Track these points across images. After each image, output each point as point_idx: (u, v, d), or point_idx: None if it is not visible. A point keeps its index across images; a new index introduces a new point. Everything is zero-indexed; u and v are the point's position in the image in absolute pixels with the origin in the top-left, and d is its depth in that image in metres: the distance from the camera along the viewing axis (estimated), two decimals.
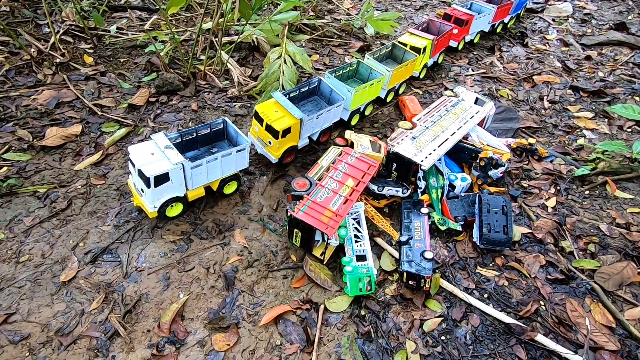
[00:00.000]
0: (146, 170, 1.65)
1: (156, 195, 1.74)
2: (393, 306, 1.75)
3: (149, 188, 1.69)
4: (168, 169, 1.69)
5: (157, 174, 1.66)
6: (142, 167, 1.66)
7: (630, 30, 4.27)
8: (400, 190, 2.17)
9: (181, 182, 1.78)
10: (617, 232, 2.09)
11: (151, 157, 1.70)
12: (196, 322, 1.60)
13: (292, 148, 2.29)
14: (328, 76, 2.60)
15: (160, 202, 1.76)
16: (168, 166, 1.69)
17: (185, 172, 1.76)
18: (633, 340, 1.63)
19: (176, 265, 1.77)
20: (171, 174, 1.71)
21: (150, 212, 1.79)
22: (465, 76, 3.43)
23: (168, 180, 1.72)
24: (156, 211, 1.79)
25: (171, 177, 1.72)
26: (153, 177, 1.66)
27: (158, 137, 1.80)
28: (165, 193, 1.77)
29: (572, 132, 2.89)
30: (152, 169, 1.66)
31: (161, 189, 1.73)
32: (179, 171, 1.73)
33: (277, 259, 1.91)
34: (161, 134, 1.82)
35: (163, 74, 2.84)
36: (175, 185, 1.76)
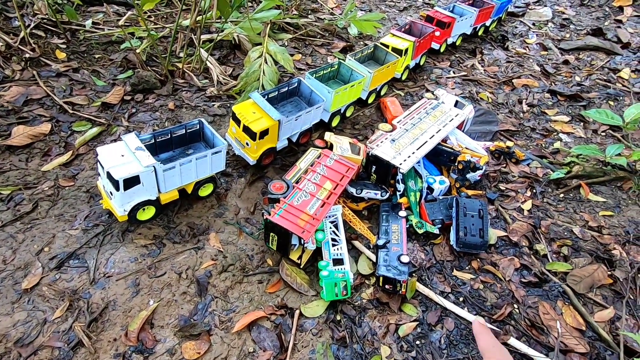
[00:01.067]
0: (115, 172, 1.59)
1: (126, 199, 1.68)
2: (369, 311, 1.74)
3: (118, 191, 1.63)
4: (138, 171, 1.63)
5: (127, 177, 1.61)
6: (111, 170, 1.59)
7: (607, 36, 4.37)
8: (379, 193, 2.16)
9: (153, 185, 1.72)
10: (589, 235, 2.13)
11: (121, 159, 1.64)
12: (166, 329, 1.55)
13: (270, 150, 2.25)
14: (308, 77, 2.57)
15: (130, 205, 1.70)
16: (138, 169, 1.63)
17: (158, 175, 1.70)
18: (602, 343, 1.66)
19: (147, 271, 1.72)
20: (142, 177, 1.65)
21: (119, 216, 1.73)
22: (446, 78, 3.45)
23: (139, 183, 1.66)
24: (126, 215, 1.72)
25: (142, 180, 1.66)
26: (122, 180, 1.60)
27: (129, 138, 1.74)
28: (136, 196, 1.71)
29: (549, 136, 2.94)
30: (121, 171, 1.60)
31: (131, 192, 1.67)
32: (150, 174, 1.67)
33: (253, 263, 1.88)
34: (132, 135, 1.76)
35: (139, 71, 2.76)
36: (147, 188, 1.70)
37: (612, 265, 1.97)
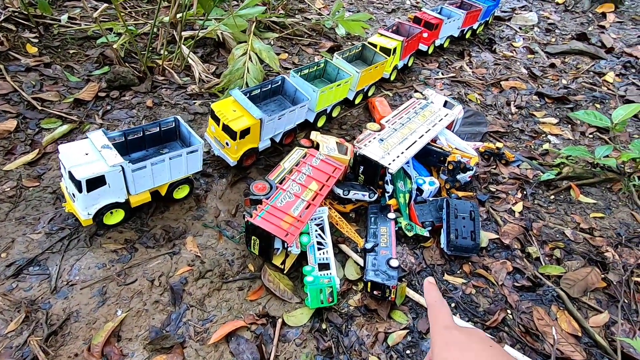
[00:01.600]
0: (77, 172, 1.45)
1: (90, 201, 1.54)
2: (357, 318, 1.64)
3: (80, 193, 1.49)
4: (104, 171, 1.49)
5: (90, 177, 1.46)
6: (73, 169, 1.45)
7: (591, 41, 4.42)
8: (367, 194, 2.07)
9: (121, 187, 1.58)
10: (581, 237, 2.08)
11: (85, 157, 1.50)
12: (135, 342, 1.41)
13: (251, 150, 2.14)
14: (293, 75, 2.47)
15: (95, 208, 1.56)
16: (104, 168, 1.49)
17: (126, 175, 1.57)
18: (598, 349, 1.59)
19: (115, 278, 1.58)
20: (108, 177, 1.52)
21: (83, 220, 1.58)
22: (435, 79, 3.41)
23: (104, 184, 1.52)
24: (90, 219, 1.58)
25: (108, 181, 1.52)
26: (85, 181, 1.46)
27: (95, 135, 1.60)
28: (102, 198, 1.57)
29: (537, 137, 2.91)
30: (84, 171, 1.46)
31: (96, 193, 1.53)
32: (117, 174, 1.53)
33: (233, 268, 1.76)
34: (99, 132, 1.62)
35: (115, 67, 2.62)
36: (114, 190, 1.56)
37: (605, 268, 1.92)
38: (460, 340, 0.64)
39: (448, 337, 0.65)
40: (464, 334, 0.65)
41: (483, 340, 0.64)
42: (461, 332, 0.66)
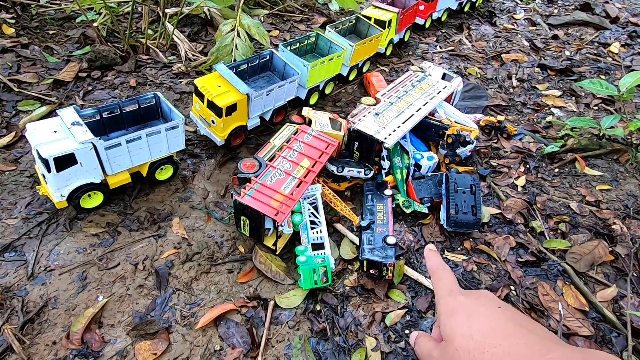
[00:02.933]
0: (44, 150, 1.34)
1: (62, 182, 1.44)
2: (352, 299, 1.56)
3: (50, 173, 1.39)
4: (73, 149, 1.39)
5: (58, 155, 1.36)
6: (40, 147, 1.35)
7: (595, 11, 4.25)
8: (362, 171, 1.97)
9: (95, 166, 1.48)
10: (587, 210, 1.99)
11: (53, 135, 1.40)
12: (117, 328, 1.34)
13: (240, 128, 2.03)
14: (282, 49, 2.35)
15: (68, 189, 1.46)
16: (72, 146, 1.39)
17: (100, 153, 1.47)
18: (607, 324, 1.52)
19: (97, 262, 1.49)
20: (78, 155, 1.41)
21: (57, 202, 1.49)
22: (433, 54, 3.27)
23: (75, 163, 1.42)
24: (64, 200, 1.49)
25: (79, 159, 1.42)
26: (53, 159, 1.35)
27: (66, 112, 1.49)
28: (74, 179, 1.46)
29: (540, 110, 2.79)
30: (51, 149, 1.35)
31: (67, 173, 1.42)
32: (88, 152, 1.43)
33: (223, 250, 1.68)
34: (70, 109, 1.51)
35: (96, 46, 2.49)
36: (87, 169, 1.46)
37: (613, 241, 1.83)
38: (467, 304, 0.58)
39: (453, 302, 0.60)
40: (470, 297, 0.59)
41: (491, 303, 0.58)
42: (467, 296, 0.60)
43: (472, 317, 0.56)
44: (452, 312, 0.58)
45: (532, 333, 0.52)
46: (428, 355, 0.59)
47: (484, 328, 0.53)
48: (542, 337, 0.52)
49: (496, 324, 0.54)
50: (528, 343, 0.50)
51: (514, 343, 0.51)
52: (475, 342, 0.52)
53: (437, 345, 0.59)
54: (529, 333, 0.52)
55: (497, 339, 0.52)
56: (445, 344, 0.57)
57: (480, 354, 0.51)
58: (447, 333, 0.57)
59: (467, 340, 0.53)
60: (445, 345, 0.57)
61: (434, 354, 0.58)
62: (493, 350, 0.51)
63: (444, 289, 0.63)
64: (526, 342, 0.51)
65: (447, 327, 0.57)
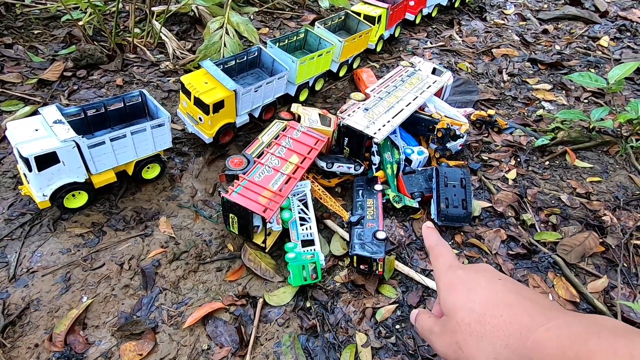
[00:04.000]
0: (25, 149, 1.31)
1: (44, 181, 1.41)
2: (343, 295, 1.54)
3: (31, 172, 1.35)
4: (55, 147, 1.35)
5: (39, 154, 1.33)
6: (20, 146, 1.32)
7: (584, 5, 4.27)
8: (352, 167, 1.96)
9: (78, 165, 1.45)
10: (578, 202, 1.99)
11: (34, 133, 1.36)
12: (102, 330, 1.31)
13: (228, 126, 2.01)
14: (270, 45, 2.33)
15: (51, 189, 1.43)
16: (54, 144, 1.36)
17: (83, 152, 1.43)
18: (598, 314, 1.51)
19: (81, 263, 1.47)
20: (60, 154, 1.38)
21: (39, 202, 1.46)
22: (423, 49, 3.26)
23: (57, 162, 1.39)
24: (47, 200, 1.45)
25: (61, 158, 1.39)
26: (33, 158, 1.32)
27: (48, 110, 1.46)
28: (57, 178, 1.43)
29: (531, 104, 2.79)
30: (32, 147, 1.32)
31: (49, 172, 1.39)
32: (71, 150, 1.40)
33: (211, 249, 1.65)
34: (53, 107, 1.48)
35: (81, 45, 2.46)
36: (70, 168, 1.43)
37: (603, 232, 1.83)
38: (466, 278, 0.57)
39: (452, 277, 0.58)
40: (469, 271, 0.58)
41: (490, 275, 0.57)
42: (466, 270, 0.59)
43: (472, 290, 0.55)
44: (452, 286, 0.57)
45: (533, 302, 0.51)
46: (429, 332, 0.58)
47: (484, 300, 0.53)
48: (543, 306, 0.50)
49: (496, 296, 0.53)
50: (529, 312, 0.49)
51: (515, 313, 0.50)
52: (477, 314, 0.52)
53: (437, 320, 0.58)
54: (530, 302, 0.51)
55: (498, 309, 0.51)
56: (446, 319, 0.56)
57: (482, 326, 0.50)
58: (447, 308, 0.56)
59: (468, 313, 0.52)
60: (446, 320, 0.56)
61: (435, 329, 0.57)
62: (494, 321, 0.50)
63: (443, 264, 0.62)
64: (528, 311, 0.50)
65: (447, 301, 0.56)
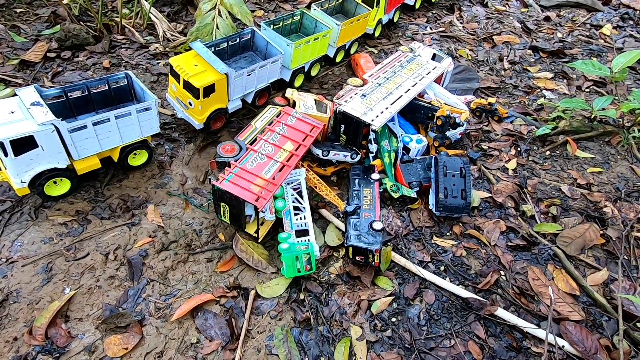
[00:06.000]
0: None
1: (21, 167, 1.33)
2: (338, 287, 1.50)
3: (7, 157, 1.27)
4: (31, 131, 1.27)
5: (15, 138, 1.25)
6: None
7: None
8: (348, 155, 1.89)
9: (59, 150, 1.37)
10: (579, 193, 1.95)
11: (10, 116, 1.28)
12: (85, 322, 1.25)
13: (220, 111, 1.93)
14: (264, 28, 2.23)
15: (29, 175, 1.35)
16: (31, 127, 1.27)
17: (64, 136, 1.35)
18: (597, 308, 1.48)
19: (64, 253, 1.40)
20: (38, 137, 1.30)
21: (17, 189, 1.38)
22: (423, 35, 3.17)
23: (35, 146, 1.31)
24: (25, 187, 1.38)
25: (40, 143, 1.31)
26: (9, 142, 1.24)
27: (25, 92, 1.37)
28: (35, 163, 1.35)
29: (532, 93, 2.73)
30: (7, 131, 1.24)
31: (27, 158, 1.31)
32: (50, 134, 1.31)
33: (201, 238, 1.59)
34: (31, 88, 1.39)
35: (66, 24, 2.34)
36: (50, 153, 1.35)
37: (604, 224, 1.79)
38: None
39: None
40: None
41: None
42: None
43: None
44: None
45: None
46: None
47: None
48: None
49: None
50: None
51: None
52: None
53: None
54: None
55: None
56: None
57: None
58: None
59: None
60: None
61: None
62: None
63: None
64: None
65: None
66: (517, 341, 1.37)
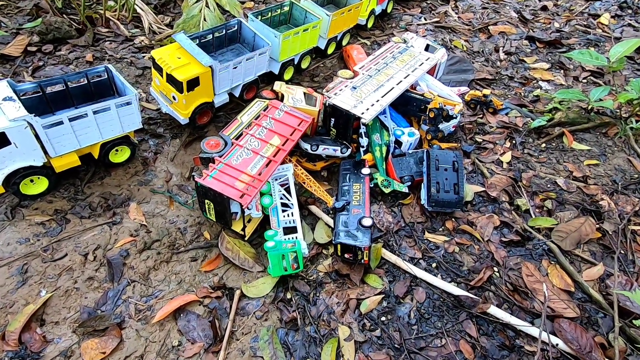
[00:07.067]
0: None
1: None
2: (326, 285, 1.45)
3: None
4: (3, 127, 1.22)
5: None
6: None
7: None
8: (338, 149, 1.84)
9: (34, 147, 1.31)
10: (575, 186, 1.90)
11: None
12: (62, 326, 1.21)
13: (205, 105, 1.87)
14: (252, 18, 2.16)
15: (3, 173, 1.30)
16: (2, 124, 1.22)
17: (38, 132, 1.30)
18: (593, 304, 1.44)
19: (41, 254, 1.35)
20: (10, 134, 1.24)
21: None
22: (417, 25, 3.10)
23: (8, 143, 1.25)
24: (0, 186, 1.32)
25: (12, 140, 1.26)
26: None
27: None
28: (9, 161, 1.30)
29: (528, 84, 2.67)
30: None
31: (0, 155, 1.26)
32: (23, 131, 1.26)
33: (186, 237, 1.54)
34: (3, 83, 1.33)
35: (47, 17, 2.27)
36: (24, 150, 1.30)
37: (600, 218, 1.75)
38: None
39: None
40: None
41: None
42: None
43: None
44: None
45: None
46: None
47: None
48: None
49: None
50: None
51: None
52: None
53: None
54: None
55: None
56: None
57: None
58: None
59: None
60: None
61: None
62: None
63: None
64: None
65: None
66: (510, 339, 1.33)
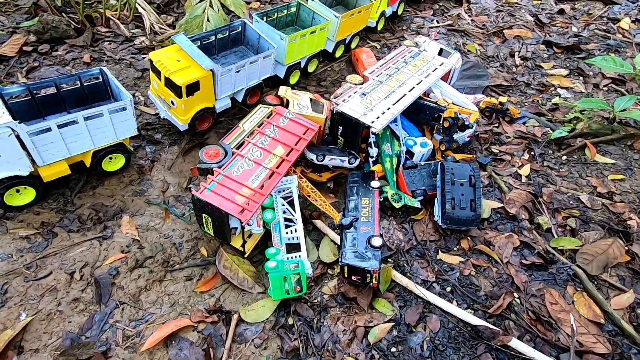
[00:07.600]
0: None
1: None
2: (331, 310, 1.34)
3: None
4: None
5: None
6: None
7: None
8: (346, 160, 1.73)
9: (19, 156, 1.22)
10: (600, 203, 1.77)
11: None
12: (42, 354, 1.11)
13: (206, 111, 1.76)
14: (256, 20, 2.05)
15: None
16: None
17: (24, 140, 1.20)
18: (625, 338, 1.31)
19: (23, 272, 1.25)
20: None
21: None
22: (429, 28, 2.98)
23: None
24: None
25: None
26: None
27: None
28: None
29: (545, 91, 2.54)
30: None
31: None
32: (7, 138, 1.16)
33: (181, 254, 1.44)
34: None
35: (44, 16, 2.18)
36: (8, 159, 1.20)
37: (629, 239, 1.62)
38: None
39: None
40: None
41: None
42: None
43: None
44: None
45: None
46: None
47: None
48: None
49: None
50: None
51: None
52: None
53: None
54: None
55: None
56: None
57: None
58: None
59: None
60: None
61: None
62: None
63: None
64: None
65: None
66: None
